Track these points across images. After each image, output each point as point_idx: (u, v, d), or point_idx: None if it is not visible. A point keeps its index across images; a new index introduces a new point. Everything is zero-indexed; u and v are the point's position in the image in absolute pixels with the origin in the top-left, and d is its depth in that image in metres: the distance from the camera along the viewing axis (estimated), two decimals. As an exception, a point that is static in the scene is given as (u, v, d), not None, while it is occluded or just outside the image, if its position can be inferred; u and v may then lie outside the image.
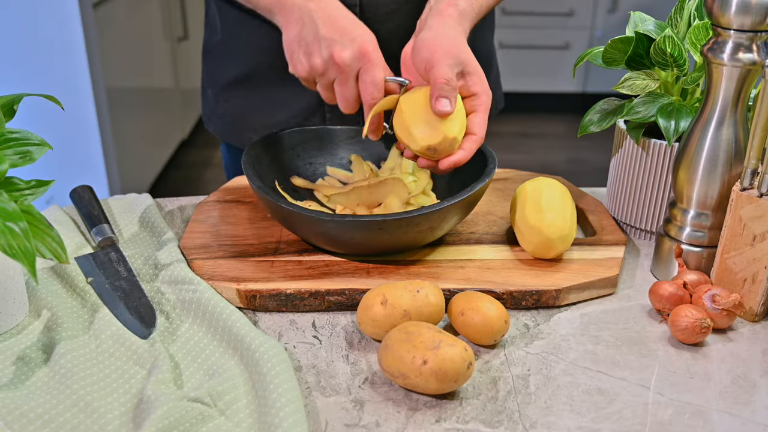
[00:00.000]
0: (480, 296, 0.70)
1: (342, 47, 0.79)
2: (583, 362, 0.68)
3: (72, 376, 0.63)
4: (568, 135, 3.62)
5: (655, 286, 0.75)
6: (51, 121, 2.14)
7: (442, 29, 0.80)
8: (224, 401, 0.61)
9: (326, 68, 0.80)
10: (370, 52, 0.79)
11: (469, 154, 0.78)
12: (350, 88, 0.81)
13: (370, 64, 0.79)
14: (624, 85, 0.85)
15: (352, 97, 0.81)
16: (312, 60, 0.81)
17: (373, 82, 0.79)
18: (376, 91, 0.80)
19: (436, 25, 0.81)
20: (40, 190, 0.69)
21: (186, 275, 0.76)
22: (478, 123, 0.79)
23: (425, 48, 0.78)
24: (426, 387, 0.62)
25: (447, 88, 0.75)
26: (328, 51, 0.79)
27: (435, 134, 0.76)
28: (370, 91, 0.80)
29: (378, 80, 0.79)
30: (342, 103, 0.82)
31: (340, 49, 0.79)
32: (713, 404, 0.63)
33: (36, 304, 0.74)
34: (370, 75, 0.79)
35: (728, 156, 0.74)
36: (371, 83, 0.79)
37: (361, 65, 0.79)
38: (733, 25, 0.69)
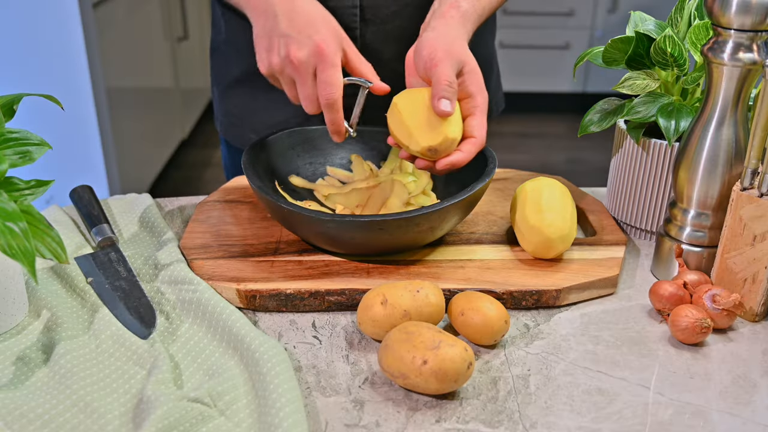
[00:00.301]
0: (480, 296, 0.70)
1: (298, 46, 0.78)
2: (584, 362, 0.68)
3: (72, 376, 0.63)
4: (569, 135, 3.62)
5: (656, 286, 0.75)
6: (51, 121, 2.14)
7: (444, 30, 0.80)
8: (224, 401, 0.61)
9: (283, 66, 0.80)
10: (325, 51, 0.78)
11: (469, 157, 0.78)
12: (309, 87, 0.80)
13: (325, 63, 0.78)
14: (624, 84, 0.85)
15: (311, 96, 0.80)
16: (271, 58, 0.80)
17: (327, 81, 0.78)
18: (332, 91, 0.78)
19: (438, 27, 0.80)
20: (40, 190, 0.69)
21: (186, 275, 0.76)
22: (477, 126, 0.79)
23: (426, 48, 0.78)
24: (426, 387, 0.62)
25: (449, 90, 0.75)
26: (285, 49, 0.78)
27: (436, 135, 0.76)
28: (326, 90, 0.78)
29: (333, 80, 0.78)
30: (303, 102, 0.81)
31: (297, 48, 0.78)
32: (713, 404, 0.63)
33: (36, 304, 0.74)
34: (325, 74, 0.78)
35: (728, 156, 0.74)
36: (326, 83, 0.78)
37: (316, 64, 0.78)
38: (733, 25, 0.69)
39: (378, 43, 0.96)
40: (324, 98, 0.79)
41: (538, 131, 3.68)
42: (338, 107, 0.80)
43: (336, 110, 0.80)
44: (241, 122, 1.07)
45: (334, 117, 0.81)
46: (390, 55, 0.96)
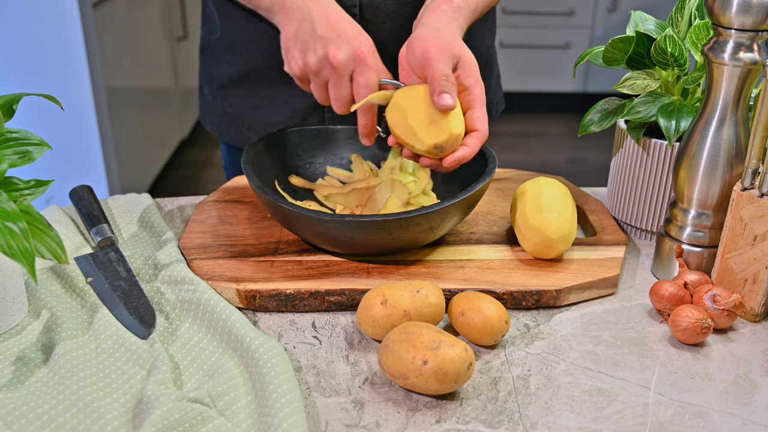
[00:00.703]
0: (480, 296, 0.70)
1: (337, 47, 0.79)
2: (584, 362, 0.68)
3: (71, 376, 0.63)
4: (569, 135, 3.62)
5: (656, 287, 0.75)
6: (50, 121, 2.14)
7: (435, 25, 0.80)
8: (224, 401, 0.61)
9: (320, 67, 0.80)
10: (365, 54, 0.79)
11: (474, 151, 0.78)
12: (344, 89, 0.80)
13: (364, 66, 0.79)
14: (624, 84, 0.85)
15: (345, 98, 0.81)
16: (307, 58, 0.80)
17: (366, 84, 0.79)
18: (369, 94, 0.79)
19: (429, 22, 0.80)
20: (40, 190, 0.69)
21: (186, 275, 0.76)
22: (479, 118, 0.79)
23: (419, 46, 0.78)
24: (426, 387, 0.62)
25: (447, 84, 0.75)
26: (324, 50, 0.79)
27: (441, 132, 0.76)
28: (363, 93, 0.79)
29: (371, 83, 0.79)
30: (335, 103, 0.82)
31: (336, 48, 0.78)
32: (714, 405, 0.63)
33: (35, 304, 0.74)
34: (363, 77, 0.79)
35: (729, 156, 0.74)
36: (364, 86, 0.79)
37: (355, 66, 0.79)
38: (734, 25, 0.69)
39: (377, 43, 0.96)
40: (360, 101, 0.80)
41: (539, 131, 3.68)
42: (374, 109, 0.81)
43: (372, 113, 0.82)
44: (239, 122, 1.07)
45: (368, 120, 0.82)
46: (389, 54, 0.96)
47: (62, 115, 2.21)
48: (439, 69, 0.75)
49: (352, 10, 0.93)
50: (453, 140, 0.76)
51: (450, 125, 0.76)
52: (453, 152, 0.78)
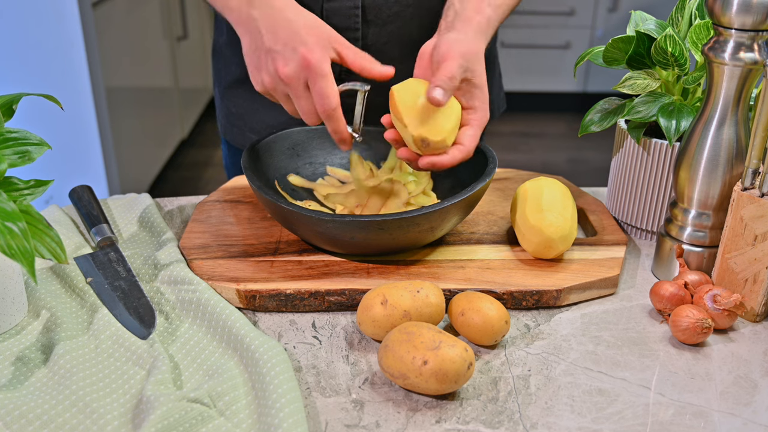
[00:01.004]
0: (480, 296, 0.70)
1: (285, 61, 0.76)
2: (584, 363, 0.68)
3: (71, 376, 0.63)
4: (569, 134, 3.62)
5: (656, 287, 0.75)
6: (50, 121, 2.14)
7: (468, 35, 0.79)
8: (224, 402, 0.61)
9: (275, 84, 0.78)
10: (311, 62, 0.75)
11: (452, 161, 0.77)
12: (304, 100, 0.78)
13: (314, 74, 0.76)
14: (625, 84, 0.85)
15: (309, 109, 0.79)
16: (262, 76, 0.79)
17: (321, 93, 0.76)
18: (327, 102, 0.77)
19: (462, 30, 0.79)
20: (39, 189, 0.69)
21: (185, 275, 0.76)
22: (470, 136, 0.78)
23: (445, 46, 0.77)
24: (426, 387, 0.62)
25: (448, 83, 0.75)
26: (273, 65, 0.77)
27: (432, 128, 0.76)
28: (321, 102, 0.77)
29: (327, 90, 0.76)
30: (303, 116, 0.80)
31: (283, 63, 0.76)
32: (714, 405, 0.63)
33: (35, 304, 0.74)
34: (317, 86, 0.76)
35: (729, 156, 0.74)
36: (320, 95, 0.76)
37: (307, 76, 0.76)
38: (734, 25, 0.69)
39: (380, 45, 0.96)
40: (321, 110, 0.77)
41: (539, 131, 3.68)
42: (337, 116, 0.78)
43: (336, 119, 0.79)
44: (242, 122, 1.07)
45: (335, 126, 0.79)
46: (392, 56, 0.96)
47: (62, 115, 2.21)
48: (450, 68, 0.75)
49: (354, 11, 0.93)
50: (439, 140, 0.76)
51: (443, 126, 0.76)
52: (433, 155, 0.77)
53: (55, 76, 2.21)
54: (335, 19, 0.93)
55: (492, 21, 0.83)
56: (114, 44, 2.38)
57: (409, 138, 0.77)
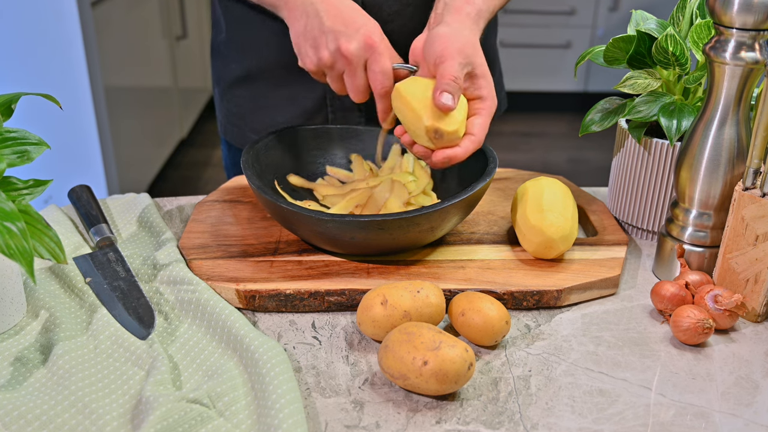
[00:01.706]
0: (481, 297, 0.70)
1: (348, 39, 0.80)
2: (585, 363, 0.68)
3: (70, 377, 0.63)
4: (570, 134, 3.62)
5: (657, 287, 0.75)
6: (49, 121, 2.14)
7: (458, 26, 0.80)
8: (223, 402, 0.61)
9: (334, 60, 0.81)
10: (375, 41, 0.80)
11: (466, 153, 0.78)
12: (359, 78, 0.82)
13: (376, 53, 0.80)
14: (626, 84, 0.85)
15: (362, 87, 0.83)
16: (320, 53, 0.82)
17: (381, 71, 0.81)
18: (385, 80, 0.81)
19: (452, 22, 0.80)
20: (38, 189, 0.69)
21: (185, 275, 0.76)
22: (479, 125, 0.79)
23: (439, 43, 0.78)
24: (426, 388, 0.62)
25: (453, 85, 0.75)
26: (335, 43, 0.80)
27: (442, 118, 0.76)
28: (379, 80, 0.81)
29: (386, 69, 0.81)
30: (352, 93, 0.83)
31: (346, 40, 0.80)
32: (715, 405, 0.63)
33: (34, 304, 0.74)
34: (378, 65, 0.80)
35: (730, 155, 0.74)
36: (380, 72, 0.81)
37: (368, 55, 0.80)
38: (735, 24, 0.69)
39: None
40: (378, 87, 0.81)
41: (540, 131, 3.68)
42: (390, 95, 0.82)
43: (389, 98, 0.82)
44: (242, 122, 1.07)
45: (385, 105, 0.83)
46: None
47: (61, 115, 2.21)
48: (452, 70, 0.76)
49: None
50: (452, 130, 0.76)
51: (455, 117, 0.76)
52: (446, 148, 0.77)
53: (54, 75, 2.21)
54: None
55: (482, 12, 0.84)
56: (113, 44, 2.38)
57: (422, 131, 0.77)
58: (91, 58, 2.22)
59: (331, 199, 0.90)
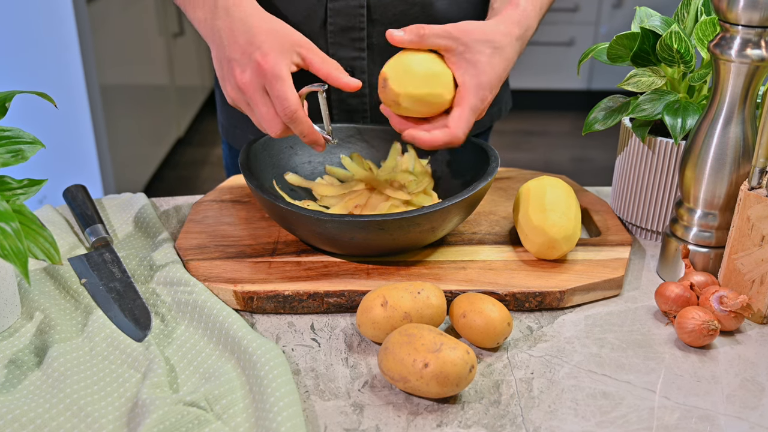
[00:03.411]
0: (482, 298, 0.70)
1: (241, 69, 0.75)
2: (588, 365, 0.68)
3: (65, 379, 0.63)
4: (573, 133, 3.62)
5: (662, 288, 0.75)
6: (44, 119, 2.15)
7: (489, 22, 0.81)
8: (221, 405, 0.61)
9: (237, 95, 0.77)
10: (265, 67, 0.74)
11: (433, 141, 0.77)
12: (265, 106, 0.76)
13: (270, 78, 0.74)
14: (629, 82, 0.85)
15: (271, 116, 0.76)
16: (226, 88, 0.78)
17: (279, 96, 0.74)
18: (287, 105, 0.74)
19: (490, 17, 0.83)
20: (33, 189, 0.69)
21: (182, 276, 0.76)
22: (455, 118, 0.77)
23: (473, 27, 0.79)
24: (427, 391, 0.62)
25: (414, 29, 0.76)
26: (231, 75, 0.76)
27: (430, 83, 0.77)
28: (281, 106, 0.75)
29: (284, 93, 0.74)
30: (265, 126, 0.77)
31: (240, 71, 0.75)
32: (721, 408, 0.63)
33: (28, 306, 0.74)
34: (275, 90, 0.74)
35: (736, 154, 0.74)
36: (278, 98, 0.74)
37: (262, 81, 0.75)
38: (740, 21, 0.69)
39: (385, 44, 0.96)
40: (282, 114, 0.75)
41: (542, 129, 3.68)
42: (300, 118, 0.76)
43: (301, 122, 0.76)
44: (245, 125, 1.07)
45: (302, 129, 0.77)
46: None
47: (56, 113, 2.21)
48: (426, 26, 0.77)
49: (360, 11, 0.93)
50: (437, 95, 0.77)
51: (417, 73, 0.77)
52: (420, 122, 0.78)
53: (49, 73, 2.21)
54: (340, 18, 0.93)
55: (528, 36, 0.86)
56: (109, 41, 2.38)
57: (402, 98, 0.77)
58: (87, 55, 2.22)
59: (329, 200, 0.90)
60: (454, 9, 0.96)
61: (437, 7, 0.95)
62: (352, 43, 0.95)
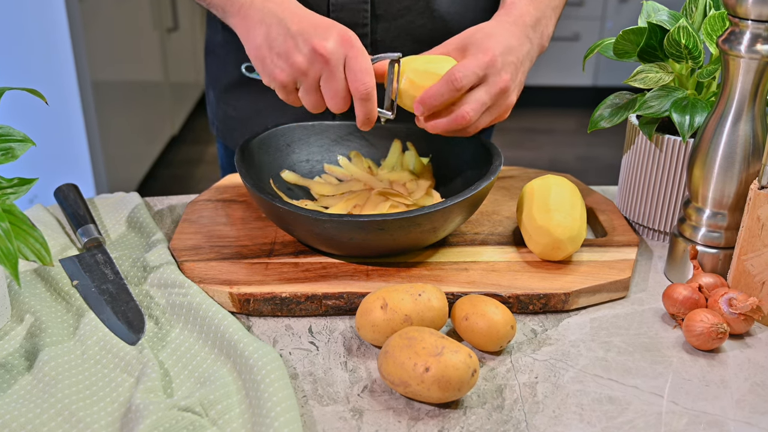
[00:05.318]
0: (485, 300, 0.70)
1: (321, 37, 0.75)
2: (594, 369, 0.68)
3: (56, 384, 0.64)
4: (578, 130, 3.62)
5: (669, 290, 0.75)
6: (34, 117, 2.15)
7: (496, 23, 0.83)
8: (216, 410, 0.61)
9: (310, 64, 0.76)
10: (352, 38, 0.75)
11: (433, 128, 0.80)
12: (339, 81, 0.76)
13: (355, 49, 0.75)
14: (636, 78, 0.85)
15: (342, 91, 0.77)
16: (291, 59, 0.76)
17: (362, 69, 0.75)
18: (369, 79, 0.75)
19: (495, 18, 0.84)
20: (23, 188, 0.69)
21: (176, 278, 0.76)
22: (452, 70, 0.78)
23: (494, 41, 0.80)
24: (428, 395, 0.62)
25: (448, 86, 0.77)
26: (308, 45, 0.75)
27: None
28: (362, 80, 0.75)
29: (369, 67, 0.75)
30: (333, 100, 0.77)
31: (321, 39, 0.75)
32: (730, 413, 0.63)
33: (18, 308, 0.74)
34: (357, 62, 0.75)
35: (745, 152, 0.74)
36: (361, 71, 0.75)
37: (347, 52, 0.75)
38: (750, 15, 0.69)
39: (389, 40, 0.96)
40: (361, 88, 0.75)
41: (547, 127, 3.68)
42: (374, 97, 0.77)
43: (373, 101, 0.77)
44: (243, 126, 1.07)
45: (370, 108, 0.78)
46: (402, 51, 0.96)
47: (47, 111, 2.21)
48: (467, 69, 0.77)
49: (363, 6, 0.93)
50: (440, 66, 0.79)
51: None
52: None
53: (40, 69, 2.21)
54: (343, 14, 0.93)
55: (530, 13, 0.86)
56: (101, 36, 2.38)
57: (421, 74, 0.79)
58: (78, 51, 2.22)
59: (328, 200, 0.90)
60: (457, 3, 0.96)
61: (441, 1, 0.95)
62: None
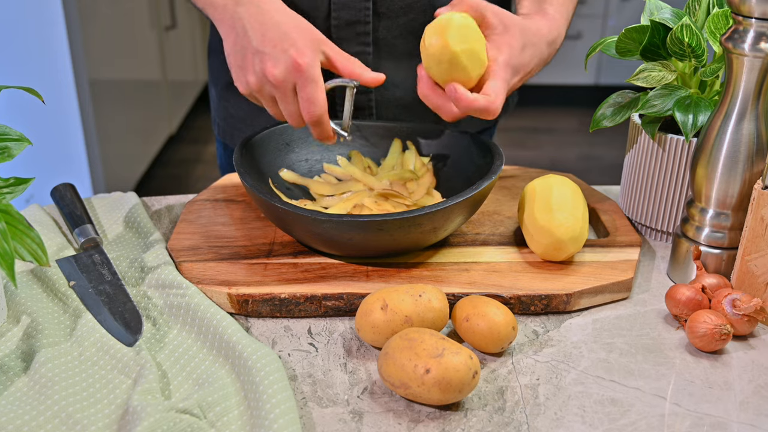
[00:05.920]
0: (486, 301, 0.70)
1: (274, 62, 0.77)
2: (596, 371, 0.68)
3: (53, 385, 0.63)
4: (580, 130, 3.62)
5: (672, 291, 0.75)
6: (31, 116, 2.15)
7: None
8: (215, 412, 0.61)
9: (261, 85, 0.79)
10: (302, 66, 0.76)
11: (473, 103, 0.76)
12: (291, 104, 0.79)
13: (304, 79, 0.77)
14: (639, 77, 0.85)
15: (295, 113, 0.80)
16: (247, 77, 0.80)
17: (309, 99, 0.78)
18: (314, 109, 0.78)
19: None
20: (20, 188, 0.69)
21: (174, 279, 0.76)
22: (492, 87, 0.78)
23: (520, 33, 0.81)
24: (429, 397, 0.62)
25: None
26: (261, 66, 0.78)
27: None
28: (309, 108, 0.78)
29: (315, 96, 0.77)
30: (289, 119, 0.81)
31: (272, 64, 0.77)
32: (733, 415, 0.63)
33: (15, 309, 0.74)
34: (305, 91, 0.77)
35: (749, 152, 0.74)
36: (308, 101, 0.78)
37: (295, 80, 0.77)
38: (754, 14, 0.69)
39: (391, 38, 0.96)
40: (308, 116, 0.79)
41: (548, 126, 3.68)
42: (324, 121, 0.80)
43: (322, 124, 0.80)
44: (244, 125, 1.07)
45: (321, 131, 0.81)
46: (404, 49, 0.96)
47: (43, 109, 2.21)
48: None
49: (365, 4, 0.93)
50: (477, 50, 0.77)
51: None
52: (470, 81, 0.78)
53: (36, 67, 2.21)
54: (344, 12, 0.93)
55: None
56: (98, 34, 2.38)
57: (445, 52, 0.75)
58: (76, 49, 2.22)
59: (327, 201, 0.90)
60: None
61: None
62: (357, 38, 0.95)
